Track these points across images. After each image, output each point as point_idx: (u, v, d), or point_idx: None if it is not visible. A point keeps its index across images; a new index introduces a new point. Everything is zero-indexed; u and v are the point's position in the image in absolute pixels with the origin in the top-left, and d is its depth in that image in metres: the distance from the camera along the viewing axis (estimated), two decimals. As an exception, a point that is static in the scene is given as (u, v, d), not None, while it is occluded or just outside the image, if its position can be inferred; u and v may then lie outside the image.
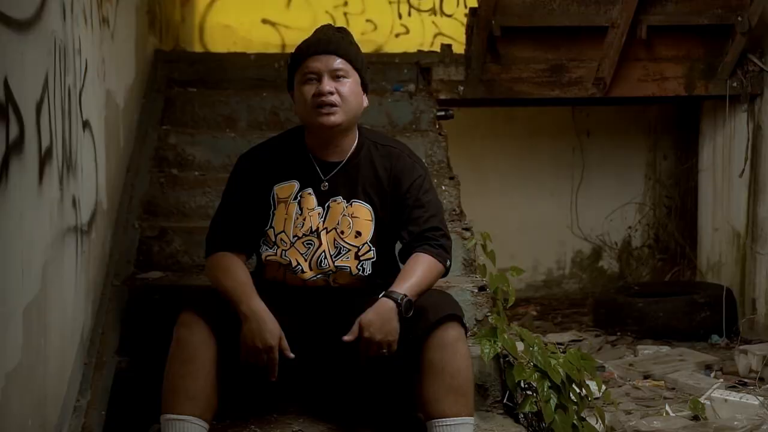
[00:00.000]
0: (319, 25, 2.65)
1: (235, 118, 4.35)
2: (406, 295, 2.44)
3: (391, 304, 2.43)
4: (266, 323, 2.41)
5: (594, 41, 5.10)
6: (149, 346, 2.96)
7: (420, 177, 2.61)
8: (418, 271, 2.50)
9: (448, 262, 2.59)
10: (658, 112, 6.81)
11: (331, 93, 2.48)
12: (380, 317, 2.42)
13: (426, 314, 2.45)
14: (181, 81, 4.67)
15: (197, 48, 6.93)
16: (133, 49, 3.96)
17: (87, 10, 2.83)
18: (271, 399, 2.79)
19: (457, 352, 2.45)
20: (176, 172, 3.89)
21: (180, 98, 4.40)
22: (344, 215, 2.56)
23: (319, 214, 2.56)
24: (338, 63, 2.51)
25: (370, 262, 2.57)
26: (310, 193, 2.57)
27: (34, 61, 2.10)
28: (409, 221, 2.58)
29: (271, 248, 2.56)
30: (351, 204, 2.57)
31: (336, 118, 2.50)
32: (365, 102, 2.59)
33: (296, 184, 2.58)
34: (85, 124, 2.81)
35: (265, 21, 7.17)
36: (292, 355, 2.44)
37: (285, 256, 2.55)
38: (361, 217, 2.57)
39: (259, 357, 2.41)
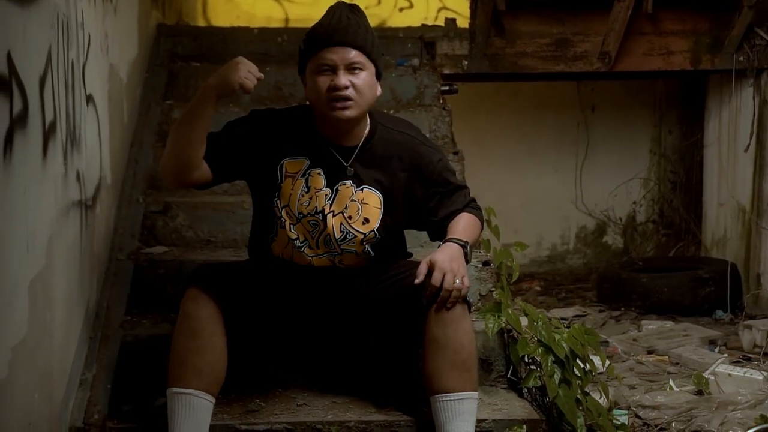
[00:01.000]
0: (329, 2, 2.57)
1: (238, 93, 4.32)
2: (467, 242, 2.49)
3: (456, 245, 2.47)
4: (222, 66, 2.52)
5: (599, 15, 5.06)
6: (154, 320, 2.98)
7: (440, 162, 2.61)
8: (464, 223, 2.56)
9: (483, 225, 2.69)
10: (664, 86, 6.77)
11: (346, 87, 2.43)
12: (449, 254, 2.44)
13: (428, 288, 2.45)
14: (184, 55, 4.64)
15: (200, 22, 6.91)
16: (135, 23, 3.95)
17: (90, -16, 2.82)
18: (276, 374, 2.80)
19: (461, 328, 2.45)
20: (180, 147, 3.87)
21: (183, 73, 4.38)
22: (353, 200, 2.54)
23: (326, 195, 2.53)
24: (354, 55, 2.44)
25: (374, 243, 2.57)
26: (320, 173, 2.54)
27: (37, 34, 2.09)
28: (446, 206, 2.59)
29: (279, 218, 2.55)
30: (362, 190, 2.54)
31: (350, 112, 2.46)
32: (378, 90, 2.54)
33: (306, 161, 2.54)
34: (89, 99, 2.81)
35: (268, -5, 7.15)
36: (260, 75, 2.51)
37: (292, 229, 2.55)
38: (371, 204, 2.55)
39: (244, 70, 2.49)
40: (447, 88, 4.57)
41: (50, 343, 2.23)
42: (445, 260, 2.41)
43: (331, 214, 2.53)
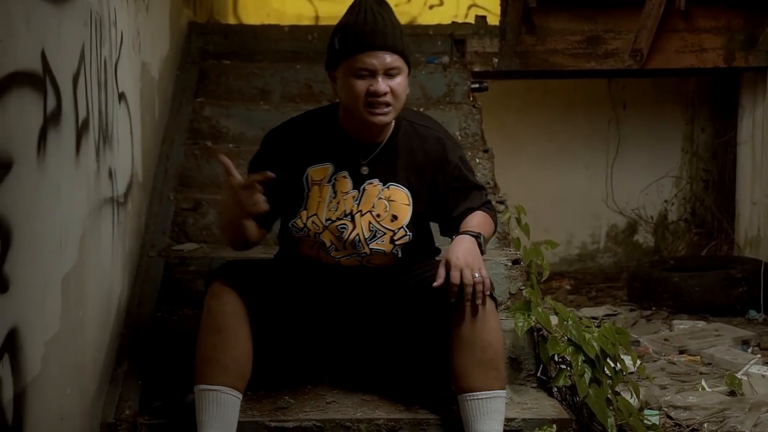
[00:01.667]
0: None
1: (269, 90, 4.35)
2: (480, 233, 2.47)
3: (469, 237, 2.45)
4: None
5: (631, 12, 5.03)
6: (185, 316, 2.99)
7: (461, 158, 2.60)
8: (478, 219, 2.54)
9: (497, 226, 2.67)
10: (696, 84, 6.71)
11: (385, 93, 2.41)
12: (462, 249, 2.41)
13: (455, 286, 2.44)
14: (215, 53, 4.67)
15: (231, 20, 6.95)
16: (167, 21, 3.97)
17: (122, -18, 2.84)
18: (305, 371, 2.81)
19: (487, 326, 2.44)
20: (210, 144, 3.90)
21: (214, 70, 4.41)
22: (380, 198, 2.53)
23: (353, 197, 2.53)
24: (393, 60, 2.42)
25: (404, 244, 2.56)
26: (345, 177, 2.53)
27: (71, 32, 2.10)
28: (462, 203, 2.58)
29: (301, 230, 2.54)
30: (388, 187, 2.54)
31: (387, 118, 2.45)
32: (408, 89, 2.53)
33: (331, 167, 2.53)
34: (121, 96, 2.82)
35: (299, -7, 7.17)
36: (271, 175, 2.39)
37: (318, 238, 2.54)
38: (398, 200, 2.54)
39: (239, 192, 2.38)
40: (477, 85, 4.56)
41: (82, 339, 2.25)
42: (459, 257, 2.39)
43: (359, 213, 2.52)
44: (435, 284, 2.40)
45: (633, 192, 6.77)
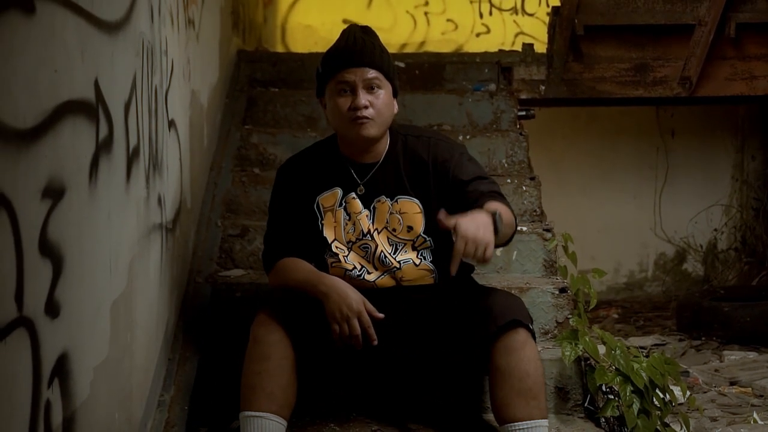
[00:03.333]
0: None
1: (316, 117, 4.38)
2: (497, 211, 2.33)
3: (485, 214, 2.31)
4: (346, 291, 2.45)
5: (680, 40, 4.99)
6: (231, 343, 3.00)
7: (460, 154, 2.59)
8: (496, 203, 2.41)
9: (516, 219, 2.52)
10: (746, 111, 6.63)
11: (366, 107, 2.49)
12: (476, 220, 2.27)
13: (491, 318, 2.42)
14: (264, 81, 4.73)
15: (279, 48, 7.03)
16: (217, 49, 4.02)
17: (173, 12, 2.89)
18: (349, 398, 2.80)
19: (524, 357, 2.42)
20: (258, 171, 3.93)
21: (262, 98, 4.46)
22: (392, 213, 2.58)
23: (367, 216, 2.58)
24: (372, 74, 2.51)
25: (428, 250, 2.58)
26: (354, 198, 2.59)
27: (123, 61, 2.14)
28: (469, 193, 2.51)
29: (333, 257, 2.59)
30: (396, 201, 2.58)
31: (371, 131, 2.52)
32: (395, 108, 2.59)
33: (339, 191, 2.60)
34: (171, 124, 2.86)
35: (345, 21, 7.22)
36: (381, 315, 2.45)
37: (348, 260, 2.58)
38: (410, 211, 2.57)
39: (351, 325, 2.42)
40: (524, 113, 4.55)
41: (130, 364, 2.27)
42: (472, 224, 2.23)
43: (376, 231, 2.58)
44: (441, 217, 2.29)
45: (682, 220, 6.70)
